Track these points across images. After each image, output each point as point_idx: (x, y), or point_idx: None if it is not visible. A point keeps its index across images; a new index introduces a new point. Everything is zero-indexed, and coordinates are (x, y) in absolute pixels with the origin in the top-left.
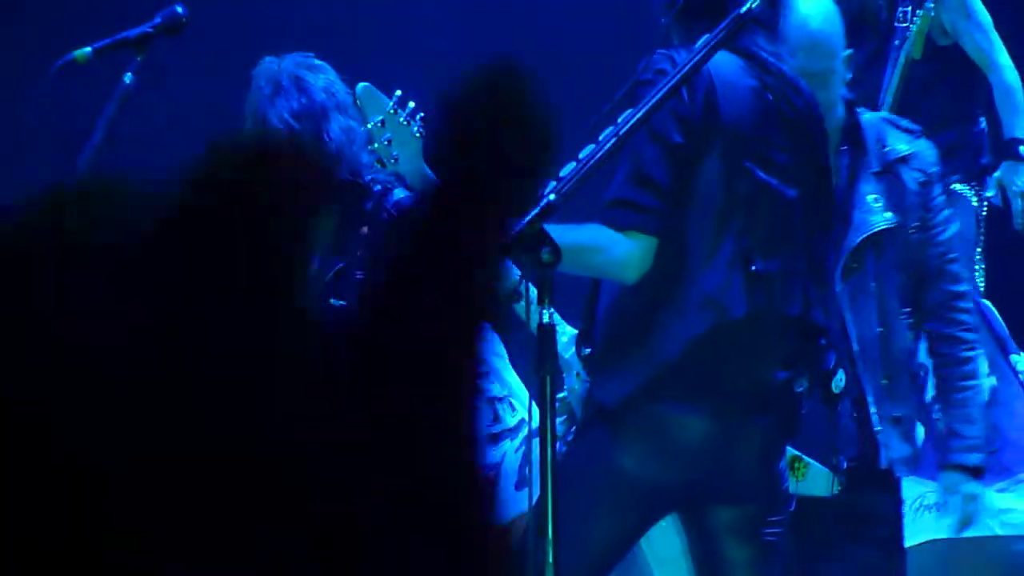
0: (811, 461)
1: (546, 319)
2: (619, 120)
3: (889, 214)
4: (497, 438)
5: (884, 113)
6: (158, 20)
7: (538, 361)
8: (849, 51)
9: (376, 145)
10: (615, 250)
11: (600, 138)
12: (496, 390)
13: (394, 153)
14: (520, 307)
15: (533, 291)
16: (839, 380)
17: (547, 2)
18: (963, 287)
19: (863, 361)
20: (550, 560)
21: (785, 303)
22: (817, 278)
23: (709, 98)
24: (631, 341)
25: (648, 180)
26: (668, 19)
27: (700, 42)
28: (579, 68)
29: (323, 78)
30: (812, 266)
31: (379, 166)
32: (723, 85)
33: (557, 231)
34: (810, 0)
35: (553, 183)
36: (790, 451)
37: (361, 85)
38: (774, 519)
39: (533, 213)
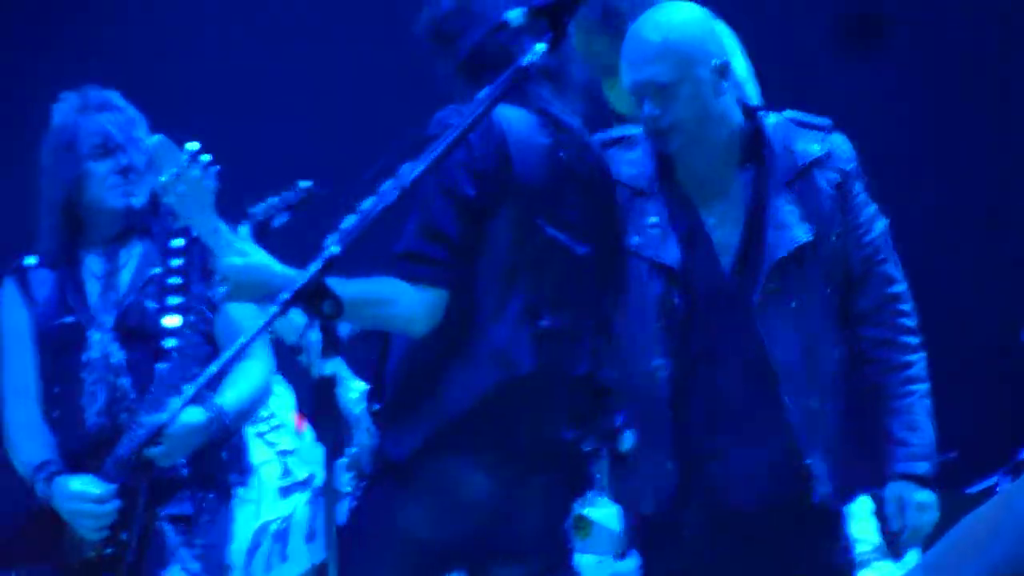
0: (595, 521)
1: (328, 372)
2: (400, 172)
3: (807, 225)
4: (288, 491)
5: (789, 112)
6: None
7: (319, 414)
8: (722, 60)
9: (170, 199)
10: (404, 302)
11: (382, 190)
12: (287, 443)
13: (187, 207)
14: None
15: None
16: (627, 438)
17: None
18: (898, 288)
19: (788, 388)
20: None
21: (572, 361)
22: (605, 336)
23: (502, 154)
24: (420, 395)
25: (438, 233)
26: (451, 73)
27: (481, 94)
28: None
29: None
30: (601, 324)
31: (172, 218)
32: (516, 142)
33: (346, 284)
34: (663, 9)
35: (335, 235)
36: (575, 510)
37: (155, 137)
38: None
39: (314, 267)
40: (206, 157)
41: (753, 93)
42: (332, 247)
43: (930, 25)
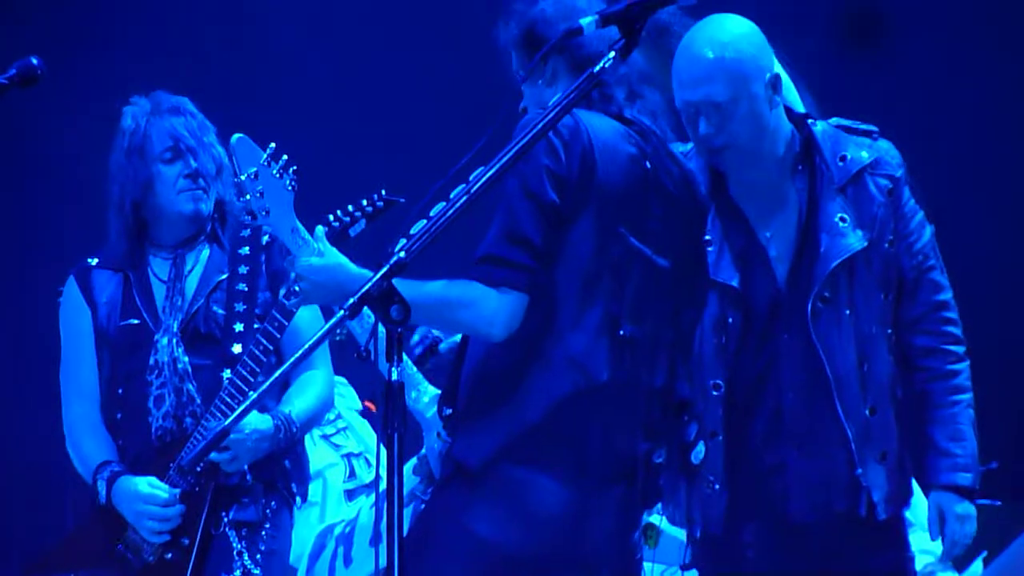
0: (664, 529)
1: (395, 376)
2: (471, 178)
3: (860, 232)
4: (353, 493)
5: (835, 119)
6: (13, 71)
7: (386, 417)
8: (773, 73)
9: (248, 197)
10: (484, 306)
11: (451, 196)
12: (353, 446)
13: (265, 206)
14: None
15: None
16: (699, 452)
17: None
18: (945, 295)
19: (842, 397)
20: None
21: (650, 372)
22: (683, 350)
23: (586, 161)
24: (495, 401)
25: (520, 237)
26: (527, 78)
27: (553, 100)
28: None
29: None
30: (679, 337)
31: (249, 218)
32: (601, 149)
33: (424, 287)
34: (713, 25)
35: (403, 240)
36: (644, 518)
37: (236, 136)
38: None
39: (383, 271)
40: (284, 157)
41: (796, 99)
42: (399, 252)
43: (930, 25)
